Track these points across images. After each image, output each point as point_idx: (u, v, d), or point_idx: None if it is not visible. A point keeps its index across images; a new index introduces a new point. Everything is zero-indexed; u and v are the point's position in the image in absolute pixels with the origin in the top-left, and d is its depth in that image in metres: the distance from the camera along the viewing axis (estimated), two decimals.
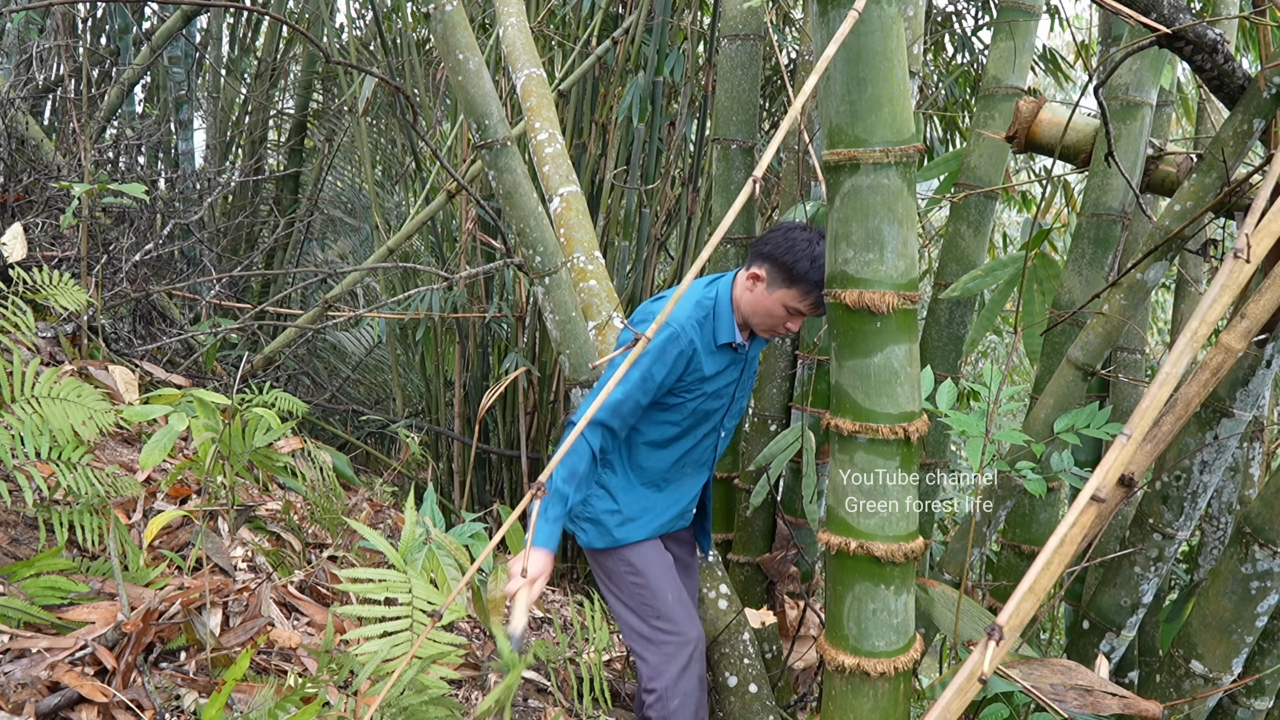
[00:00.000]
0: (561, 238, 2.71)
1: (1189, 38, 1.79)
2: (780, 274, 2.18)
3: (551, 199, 2.78)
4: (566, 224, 2.74)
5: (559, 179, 2.78)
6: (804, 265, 2.16)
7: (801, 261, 2.16)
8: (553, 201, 2.78)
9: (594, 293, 2.69)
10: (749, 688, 2.53)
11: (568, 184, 2.78)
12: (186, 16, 4.96)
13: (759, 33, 2.89)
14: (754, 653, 2.57)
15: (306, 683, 1.91)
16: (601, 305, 2.67)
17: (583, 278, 2.69)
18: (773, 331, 2.30)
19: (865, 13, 1.45)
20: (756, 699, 2.53)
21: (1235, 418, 2.11)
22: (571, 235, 2.72)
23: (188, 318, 4.71)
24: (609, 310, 2.67)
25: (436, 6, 2.50)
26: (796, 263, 2.16)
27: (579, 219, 2.76)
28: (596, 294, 2.69)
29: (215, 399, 2.34)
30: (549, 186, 2.80)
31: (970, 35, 5.16)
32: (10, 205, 4.09)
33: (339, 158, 6.44)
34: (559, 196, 2.77)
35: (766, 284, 2.21)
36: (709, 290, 2.31)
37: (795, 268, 2.16)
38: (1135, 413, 1.13)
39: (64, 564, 2.22)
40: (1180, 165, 2.44)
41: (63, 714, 1.85)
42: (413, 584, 1.89)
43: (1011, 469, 2.12)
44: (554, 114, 2.86)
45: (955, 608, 1.92)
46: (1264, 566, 2.03)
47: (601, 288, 2.70)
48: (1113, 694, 1.63)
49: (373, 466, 5.08)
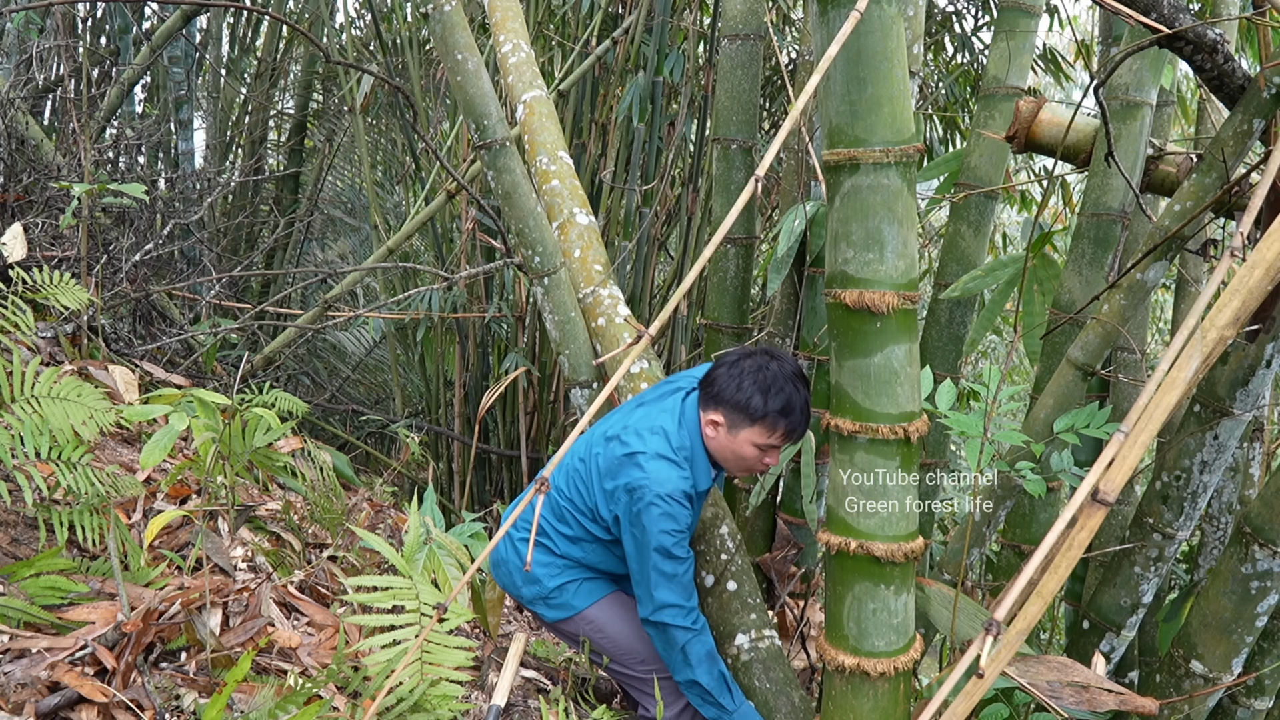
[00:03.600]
0: (526, 144, 2.67)
1: (1189, 38, 1.79)
2: (737, 416, 2.04)
3: (515, 108, 2.74)
4: (530, 129, 2.70)
5: (522, 86, 2.74)
6: (758, 401, 2.01)
7: (755, 398, 2.01)
8: (517, 110, 2.73)
9: (556, 193, 2.64)
10: (727, 585, 2.32)
11: (531, 89, 2.74)
12: (186, 16, 4.96)
13: (759, 33, 2.89)
14: (733, 547, 2.36)
15: (307, 683, 1.91)
16: (564, 204, 2.63)
17: (545, 180, 2.65)
18: (751, 471, 2.15)
19: (865, 13, 1.45)
20: (736, 597, 2.30)
21: (1235, 418, 2.11)
22: (535, 139, 2.69)
23: (188, 318, 4.71)
24: (570, 207, 2.61)
25: (435, 7, 2.50)
26: (750, 401, 2.02)
27: (542, 122, 2.71)
28: (559, 194, 2.64)
29: (215, 399, 2.34)
30: (513, 96, 2.75)
31: (970, 35, 5.16)
32: (10, 205, 4.09)
33: (339, 158, 6.44)
34: (522, 104, 2.73)
35: (727, 428, 2.07)
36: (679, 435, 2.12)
37: (750, 406, 2.02)
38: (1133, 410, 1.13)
39: (64, 564, 2.23)
40: (1180, 165, 2.44)
41: (63, 714, 1.85)
42: (419, 590, 1.89)
43: (1011, 469, 2.13)
44: (522, 26, 2.81)
45: (953, 607, 1.92)
46: (1264, 566, 2.03)
47: (564, 187, 2.65)
48: (1109, 691, 1.63)
49: (373, 466, 5.08)
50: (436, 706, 1.89)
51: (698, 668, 2.07)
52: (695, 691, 2.10)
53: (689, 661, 2.07)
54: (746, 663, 2.22)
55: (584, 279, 2.66)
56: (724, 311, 2.97)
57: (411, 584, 1.93)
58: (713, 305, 2.99)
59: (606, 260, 2.70)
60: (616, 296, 2.67)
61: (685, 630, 2.07)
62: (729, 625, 2.27)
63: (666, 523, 2.02)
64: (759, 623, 2.28)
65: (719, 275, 2.97)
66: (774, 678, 2.20)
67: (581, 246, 2.68)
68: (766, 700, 2.18)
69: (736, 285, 2.96)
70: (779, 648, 2.27)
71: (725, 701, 2.08)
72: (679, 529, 2.04)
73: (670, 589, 2.05)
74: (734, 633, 2.26)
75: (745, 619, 2.27)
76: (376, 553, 3.05)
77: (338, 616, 2.55)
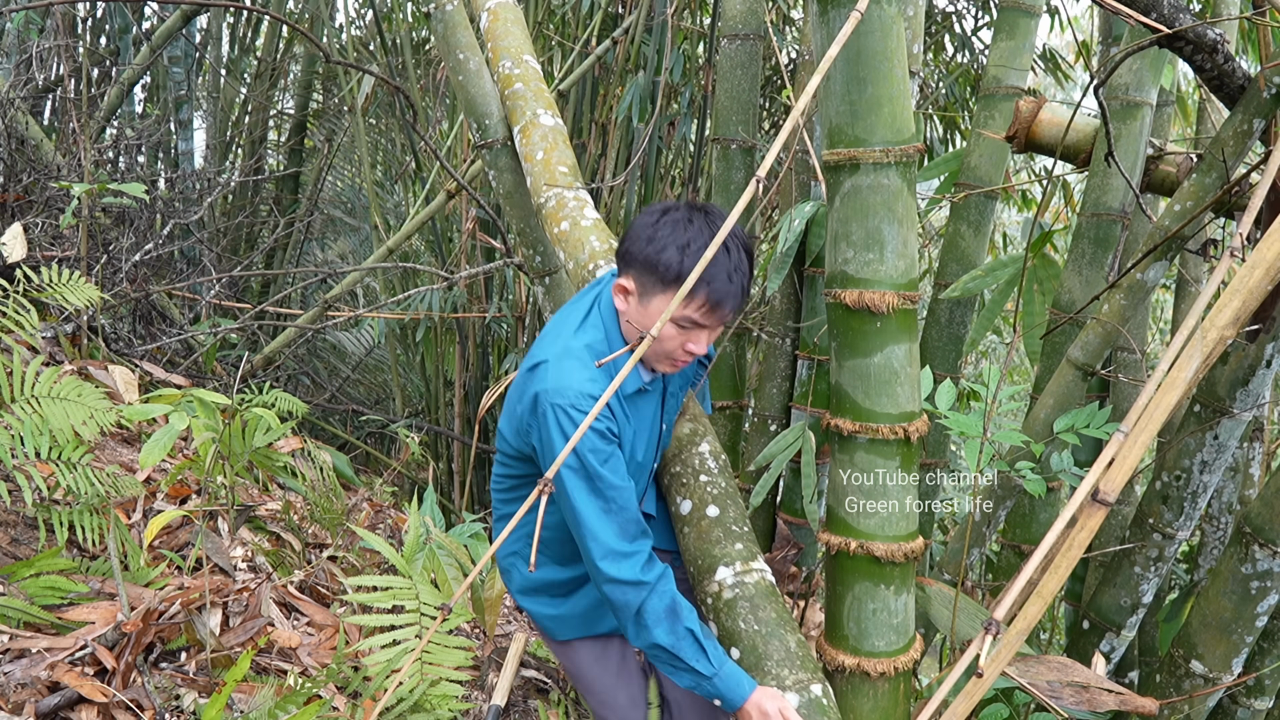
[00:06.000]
0: (489, 53, 2.60)
1: (1189, 38, 1.79)
2: (647, 278, 1.61)
3: (479, 15, 2.67)
4: (494, 36, 2.62)
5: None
6: (671, 257, 1.58)
7: (667, 253, 1.58)
8: (481, 18, 2.66)
9: (519, 95, 2.51)
10: (706, 511, 1.94)
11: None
12: (186, 16, 4.96)
13: (759, 33, 2.89)
14: (715, 467, 2.00)
15: (307, 683, 1.91)
16: (527, 106, 2.50)
17: (509, 84, 2.54)
18: (671, 360, 1.69)
19: (865, 13, 1.45)
20: (718, 524, 1.92)
21: (1235, 418, 2.11)
22: (498, 45, 2.60)
23: (188, 318, 4.71)
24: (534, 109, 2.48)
25: (437, 6, 2.50)
26: (661, 257, 1.58)
27: (506, 28, 2.62)
28: (522, 96, 2.51)
29: (215, 399, 2.35)
30: (476, 4, 2.69)
31: (970, 35, 5.16)
32: (10, 205, 4.09)
33: (339, 157, 6.44)
34: (486, 11, 2.66)
35: (638, 297, 1.64)
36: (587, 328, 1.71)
37: (661, 263, 1.58)
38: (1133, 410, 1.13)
39: (64, 564, 2.23)
40: (1180, 165, 2.44)
41: (63, 714, 1.85)
42: (418, 590, 1.89)
43: (1011, 469, 2.13)
44: None
45: (953, 607, 1.92)
46: (1264, 566, 2.03)
47: (529, 89, 2.53)
48: (1109, 691, 1.63)
49: (373, 466, 5.08)
50: (436, 706, 1.89)
51: (655, 628, 1.63)
52: (660, 657, 1.67)
53: (643, 621, 1.63)
54: (730, 601, 1.80)
55: (546, 181, 2.37)
56: None
57: (411, 584, 1.94)
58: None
59: (574, 164, 2.45)
60: (584, 199, 2.36)
61: (632, 585, 1.62)
62: (709, 558, 1.87)
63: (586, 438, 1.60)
64: (745, 554, 1.87)
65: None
66: (764, 618, 1.77)
67: (545, 148, 2.41)
68: (755, 645, 1.74)
69: None
70: (771, 583, 1.86)
71: (699, 665, 1.63)
72: (602, 445, 1.62)
73: (606, 528, 1.61)
74: (714, 566, 1.85)
75: (729, 549, 1.86)
76: (376, 553, 3.05)
77: (338, 616, 2.55)
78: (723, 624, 1.81)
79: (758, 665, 1.71)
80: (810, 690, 1.67)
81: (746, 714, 1.63)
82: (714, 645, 1.67)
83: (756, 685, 1.64)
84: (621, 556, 1.62)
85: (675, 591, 1.68)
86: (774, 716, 1.60)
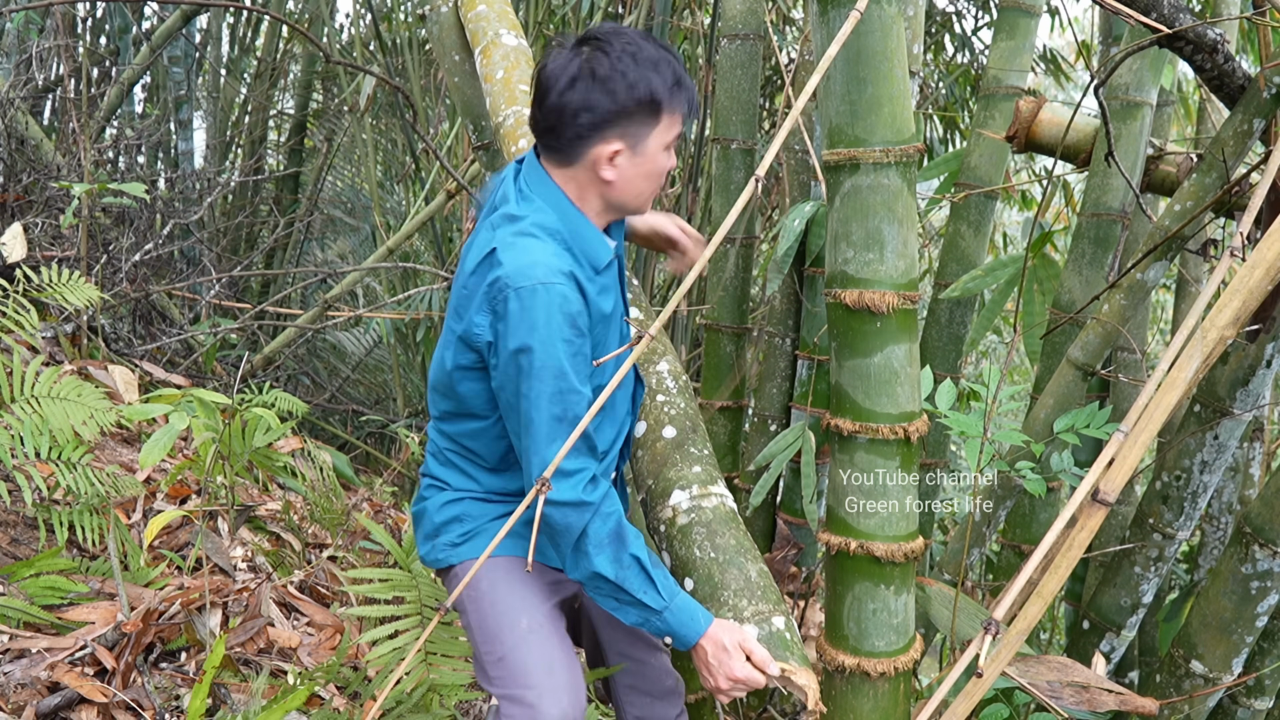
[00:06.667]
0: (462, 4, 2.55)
1: (1189, 38, 1.79)
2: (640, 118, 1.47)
3: None
4: None
5: None
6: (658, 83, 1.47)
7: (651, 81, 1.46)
8: None
9: (482, 17, 2.45)
10: (663, 433, 1.79)
11: None
12: (186, 16, 4.96)
13: (759, 33, 2.89)
14: (674, 387, 1.84)
15: (305, 679, 1.91)
16: (489, 27, 2.44)
17: (471, 6, 2.49)
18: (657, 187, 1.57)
19: (865, 13, 1.45)
20: (675, 446, 1.76)
21: (1235, 418, 2.11)
22: None
23: (188, 318, 4.71)
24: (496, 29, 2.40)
25: (432, 8, 2.51)
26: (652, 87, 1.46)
27: None
28: (484, 17, 2.45)
29: (215, 399, 2.35)
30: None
31: (970, 35, 5.16)
32: (10, 205, 4.09)
33: (339, 157, 6.44)
34: None
35: (631, 149, 1.49)
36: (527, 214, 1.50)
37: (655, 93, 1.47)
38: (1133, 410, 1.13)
39: (64, 564, 2.23)
40: (1180, 165, 2.44)
41: (63, 714, 1.85)
42: (418, 583, 1.89)
43: (1011, 469, 2.13)
44: None
45: (953, 607, 1.92)
46: (1264, 566, 2.03)
47: (492, 10, 2.47)
48: (1109, 691, 1.63)
49: (373, 466, 5.08)
50: (437, 704, 1.89)
51: (596, 555, 1.45)
52: (602, 589, 1.48)
53: (583, 548, 1.45)
54: (684, 527, 1.65)
55: (505, 100, 2.24)
56: (724, 312, 2.97)
57: (411, 576, 1.93)
58: (712, 305, 2.99)
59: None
60: None
61: (573, 506, 1.43)
62: (663, 481, 1.70)
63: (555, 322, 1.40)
64: (704, 477, 1.70)
65: (718, 275, 2.97)
66: (721, 545, 1.62)
67: (506, 68, 2.29)
68: (711, 574, 1.60)
69: (736, 285, 2.96)
70: (732, 509, 1.71)
71: (646, 597, 1.46)
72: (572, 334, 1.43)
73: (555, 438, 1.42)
74: (669, 490, 1.68)
75: (685, 472, 1.69)
76: (376, 553, 3.05)
77: (337, 616, 2.55)
78: (676, 552, 1.66)
79: (713, 596, 1.58)
80: (772, 623, 1.55)
81: (701, 650, 1.48)
82: (664, 575, 1.50)
83: (713, 619, 1.50)
84: (564, 475, 1.42)
85: (622, 515, 1.50)
86: (732, 651, 1.46)
